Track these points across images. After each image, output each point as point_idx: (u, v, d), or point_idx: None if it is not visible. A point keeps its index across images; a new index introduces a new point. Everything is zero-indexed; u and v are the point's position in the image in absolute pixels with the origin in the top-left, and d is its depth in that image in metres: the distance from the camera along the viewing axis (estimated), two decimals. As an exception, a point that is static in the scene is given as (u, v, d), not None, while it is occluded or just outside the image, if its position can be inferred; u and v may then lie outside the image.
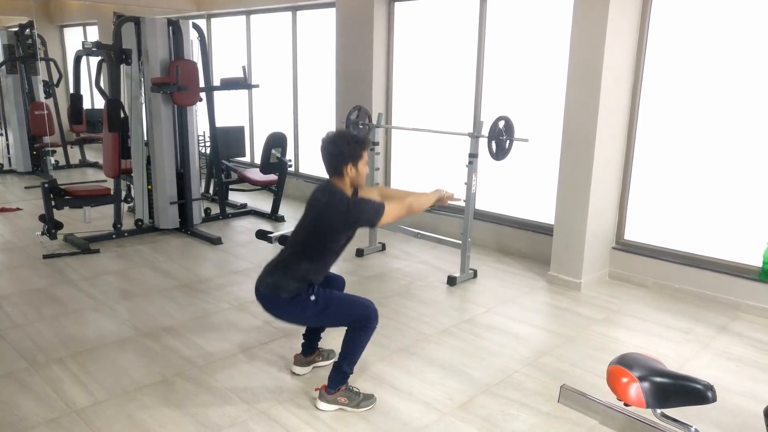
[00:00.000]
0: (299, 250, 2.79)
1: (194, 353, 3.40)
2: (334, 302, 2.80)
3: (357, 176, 2.76)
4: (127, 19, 5.48)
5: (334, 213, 2.69)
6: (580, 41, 4.23)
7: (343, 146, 2.70)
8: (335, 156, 2.71)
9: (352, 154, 2.71)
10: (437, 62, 5.87)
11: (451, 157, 5.56)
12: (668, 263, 4.44)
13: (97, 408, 2.84)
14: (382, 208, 2.72)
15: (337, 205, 2.69)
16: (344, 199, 2.70)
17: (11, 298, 4.16)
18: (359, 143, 2.73)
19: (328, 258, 2.83)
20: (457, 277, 4.59)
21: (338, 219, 2.70)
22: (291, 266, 2.76)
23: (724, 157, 4.18)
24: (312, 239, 2.77)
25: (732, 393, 3.08)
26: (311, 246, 2.77)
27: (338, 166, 2.72)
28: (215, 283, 4.52)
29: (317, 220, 2.75)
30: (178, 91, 5.44)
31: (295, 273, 2.74)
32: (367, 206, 2.72)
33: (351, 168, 2.72)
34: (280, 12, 7.42)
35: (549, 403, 2.94)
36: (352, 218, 2.71)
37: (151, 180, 5.76)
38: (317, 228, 2.76)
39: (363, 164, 2.77)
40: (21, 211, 6.57)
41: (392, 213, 2.77)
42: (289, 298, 2.73)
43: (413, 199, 2.93)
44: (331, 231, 2.73)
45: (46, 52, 8.96)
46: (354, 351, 2.83)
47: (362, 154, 2.75)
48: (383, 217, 2.72)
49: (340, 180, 2.76)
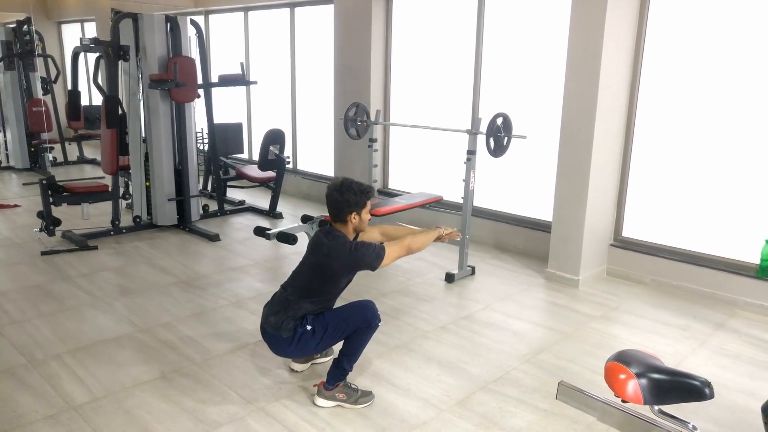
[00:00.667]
0: (300, 291, 2.84)
1: (192, 350, 3.40)
2: (330, 322, 2.82)
3: (360, 223, 2.86)
4: (124, 16, 5.47)
5: (336, 257, 2.77)
6: (578, 37, 4.23)
7: (349, 195, 2.78)
8: (341, 204, 2.79)
9: (357, 203, 2.80)
10: (435, 59, 5.86)
11: (450, 154, 5.56)
12: (666, 260, 4.44)
13: (95, 404, 2.84)
14: (382, 251, 2.81)
15: (339, 250, 2.76)
16: (346, 244, 2.78)
17: (9, 294, 4.16)
18: (364, 193, 2.82)
19: (329, 300, 2.91)
20: (455, 274, 4.59)
21: (340, 263, 2.78)
22: (292, 307, 2.81)
23: (722, 154, 4.18)
24: (313, 282, 2.84)
25: (729, 389, 3.09)
26: (312, 288, 2.84)
27: (342, 214, 2.81)
28: (213, 280, 4.51)
29: (319, 264, 2.82)
30: (176, 87, 5.42)
31: (295, 313, 2.80)
32: (368, 251, 2.79)
33: (355, 216, 2.82)
34: (278, 8, 7.41)
35: (547, 400, 2.95)
36: (354, 263, 2.80)
37: (149, 177, 5.75)
38: (319, 271, 2.83)
39: (366, 212, 2.86)
40: (19, 207, 6.55)
41: (392, 256, 2.86)
42: (289, 338, 2.79)
43: (412, 239, 2.99)
44: (332, 275, 2.82)
45: (43, 49, 8.94)
46: (355, 349, 2.85)
47: (366, 203, 2.84)
48: (383, 261, 2.81)
49: (343, 226, 2.85)
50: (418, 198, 4.97)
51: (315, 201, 7.06)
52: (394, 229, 3.23)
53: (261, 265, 4.89)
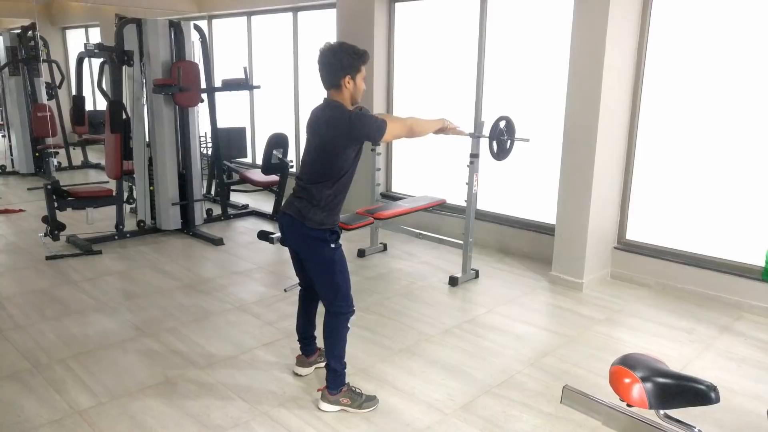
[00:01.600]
0: (312, 179, 2.73)
1: (196, 354, 3.41)
2: (340, 266, 2.79)
3: (356, 91, 2.71)
4: (128, 21, 5.49)
5: (336, 129, 2.64)
6: (581, 40, 4.23)
7: (342, 57, 2.64)
8: (333, 66, 2.65)
9: (351, 65, 2.65)
10: (438, 62, 5.87)
11: (453, 157, 5.55)
12: (670, 263, 4.43)
13: (99, 409, 2.84)
14: (384, 124, 2.68)
15: (339, 120, 2.63)
16: (345, 114, 2.64)
17: (14, 299, 4.17)
18: (359, 55, 2.68)
19: (342, 180, 2.75)
20: (459, 277, 4.59)
21: (341, 134, 2.64)
22: (313, 195, 2.71)
23: (727, 156, 4.17)
24: (321, 163, 2.71)
25: (735, 393, 3.08)
26: (323, 171, 2.71)
27: (336, 78, 2.66)
28: (217, 284, 4.52)
29: (321, 141, 2.71)
30: (179, 92, 5.44)
31: (319, 201, 2.71)
32: (369, 120, 2.67)
33: (349, 81, 2.67)
34: (281, 13, 7.43)
35: (551, 404, 2.94)
36: (355, 132, 2.65)
37: (153, 181, 5.77)
38: (322, 149, 2.71)
39: (361, 79, 2.71)
40: (24, 212, 6.58)
41: (394, 130, 2.75)
42: (313, 232, 2.70)
43: (415, 120, 2.88)
44: (337, 149, 2.67)
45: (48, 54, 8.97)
46: (334, 344, 2.83)
47: (361, 67, 2.69)
48: (386, 133, 2.69)
49: (338, 94, 2.70)
50: (422, 201, 4.98)
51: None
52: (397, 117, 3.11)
53: (265, 269, 4.89)
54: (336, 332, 2.83)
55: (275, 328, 3.75)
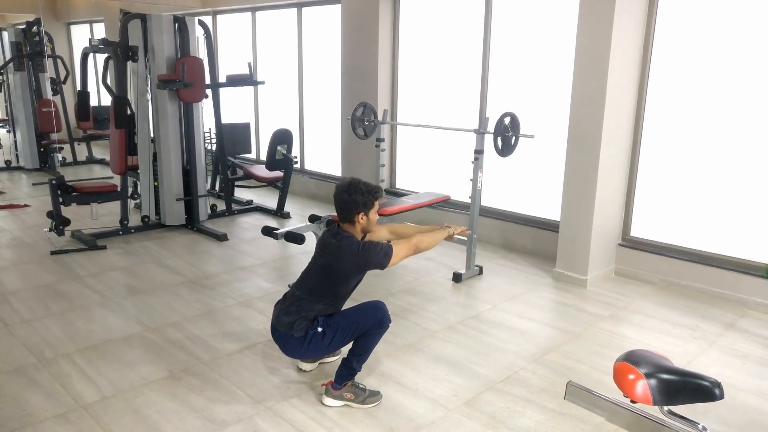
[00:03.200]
0: (311, 293, 2.84)
1: (200, 349, 3.42)
2: (341, 324, 2.82)
3: (368, 224, 2.86)
4: (133, 16, 5.49)
5: (345, 258, 2.77)
6: (587, 37, 4.21)
7: (357, 196, 2.78)
8: (348, 204, 2.79)
9: (365, 203, 2.80)
10: (443, 58, 5.85)
11: (457, 153, 5.55)
12: (675, 260, 4.42)
13: (104, 403, 2.86)
14: (390, 251, 2.80)
15: (348, 251, 2.76)
16: (354, 244, 2.77)
17: (19, 294, 4.19)
18: (372, 194, 2.82)
19: (340, 300, 2.92)
20: (463, 273, 4.59)
21: (349, 264, 2.78)
22: (304, 308, 2.81)
23: (731, 153, 4.15)
24: (323, 283, 2.84)
25: (739, 390, 3.07)
26: (322, 290, 2.84)
27: (350, 215, 2.81)
28: (221, 280, 4.53)
29: (328, 265, 2.82)
30: (184, 87, 5.45)
31: (308, 314, 2.81)
32: (377, 250, 2.78)
33: (363, 217, 2.82)
34: (286, 8, 7.42)
35: (555, 400, 2.94)
36: (362, 263, 2.80)
37: (157, 176, 5.78)
38: (328, 272, 2.83)
39: (374, 213, 2.86)
40: (29, 207, 6.60)
41: (400, 254, 2.85)
42: (301, 338, 2.80)
43: (420, 238, 2.98)
44: (342, 275, 2.82)
45: (53, 50, 9.00)
46: (365, 349, 2.86)
47: (374, 203, 2.84)
48: (392, 260, 2.81)
49: (351, 227, 2.85)
50: (426, 197, 4.97)
51: (322, 200, 7.07)
52: (403, 227, 3.22)
53: (269, 265, 4.90)
54: (372, 340, 2.86)
55: (279, 324, 3.75)
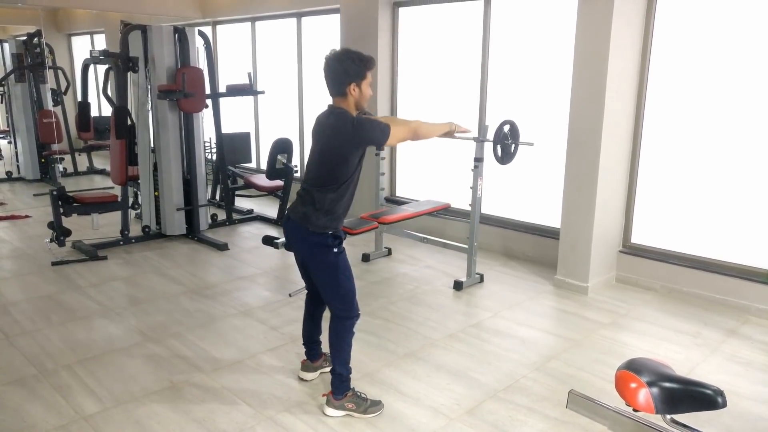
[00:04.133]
0: (317, 184, 2.73)
1: (201, 359, 3.41)
2: (344, 269, 2.79)
3: (361, 97, 2.70)
4: (134, 28, 5.52)
5: (340, 135, 2.64)
6: (585, 44, 4.23)
7: (347, 64, 2.64)
8: (339, 74, 2.65)
9: (356, 72, 2.65)
10: (442, 67, 5.87)
11: (457, 161, 5.55)
12: (676, 266, 4.41)
13: (105, 414, 2.85)
14: (388, 128, 2.68)
15: (342, 126, 2.63)
16: (348, 120, 2.64)
17: (20, 305, 4.19)
18: (364, 62, 2.66)
19: (347, 186, 2.75)
20: (464, 281, 4.58)
21: (345, 140, 2.64)
22: (317, 200, 2.71)
23: (732, 159, 4.16)
24: (325, 168, 2.72)
25: (742, 397, 3.06)
26: (326, 176, 2.71)
27: (342, 86, 2.66)
28: (222, 289, 4.53)
29: (326, 147, 2.71)
30: (184, 98, 5.47)
31: (322, 206, 2.70)
32: (373, 125, 2.66)
33: (354, 88, 2.67)
34: (285, 18, 7.46)
35: (557, 409, 2.93)
36: (358, 138, 2.65)
37: (158, 186, 5.79)
38: (326, 155, 2.71)
39: (367, 85, 2.71)
40: (30, 218, 6.61)
41: (398, 134, 2.75)
42: (315, 237, 2.71)
43: (420, 123, 2.86)
44: (341, 155, 2.67)
45: (54, 61, 9.04)
46: (340, 348, 2.83)
47: (366, 74, 2.68)
48: (390, 138, 2.69)
49: (344, 101, 2.70)
50: (426, 206, 4.98)
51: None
52: (402, 120, 3.09)
53: (269, 274, 4.90)
54: (341, 337, 2.84)
55: (280, 333, 3.75)
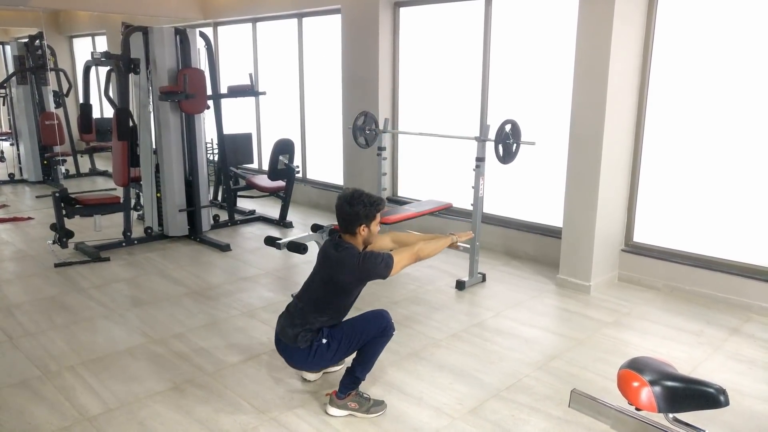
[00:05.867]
0: (313, 304, 2.85)
1: (204, 360, 3.42)
2: (345, 334, 2.83)
3: (369, 235, 2.85)
4: (135, 29, 5.53)
5: (345, 270, 2.77)
6: (586, 44, 4.23)
7: (359, 208, 2.77)
8: (350, 216, 2.79)
9: (367, 215, 2.79)
10: (443, 66, 5.87)
11: (459, 160, 5.56)
12: (678, 265, 4.41)
13: (108, 415, 2.86)
14: (391, 260, 2.78)
15: (349, 262, 2.75)
16: (355, 256, 2.76)
17: (23, 306, 4.20)
18: (374, 205, 2.80)
19: (342, 311, 2.92)
20: (466, 281, 4.58)
21: (350, 275, 2.78)
22: (308, 320, 2.82)
23: (734, 157, 4.15)
24: (325, 295, 2.85)
25: (745, 396, 3.06)
26: (324, 301, 2.84)
27: (352, 226, 2.80)
28: (224, 290, 4.53)
29: (329, 277, 2.82)
30: (185, 99, 5.48)
31: (312, 326, 2.82)
32: (377, 261, 2.76)
33: (364, 228, 2.81)
34: (286, 19, 7.46)
35: (559, 408, 2.93)
36: (364, 274, 2.79)
37: (160, 188, 5.80)
38: (329, 284, 2.83)
39: (376, 225, 2.85)
40: (32, 220, 6.63)
41: (401, 264, 2.84)
42: (306, 349, 2.81)
43: (422, 246, 2.96)
44: (343, 287, 2.82)
45: (55, 63, 9.06)
46: (369, 358, 2.85)
47: (376, 215, 2.83)
48: (393, 269, 2.79)
49: (352, 238, 2.85)
50: (428, 205, 4.98)
51: (325, 210, 7.08)
52: (406, 236, 3.20)
53: (272, 275, 4.90)
54: (376, 348, 2.85)
55: (283, 334, 3.75)
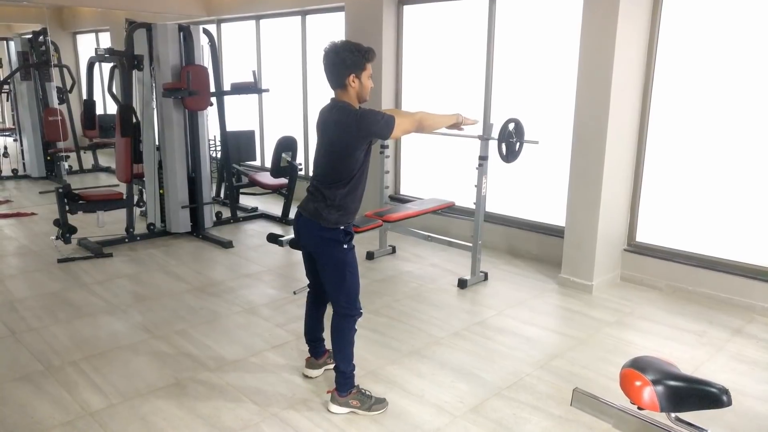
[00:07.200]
0: (325, 180, 2.73)
1: (206, 356, 3.42)
2: (351, 266, 2.80)
3: (362, 89, 2.68)
4: (138, 26, 5.54)
5: (344, 129, 2.62)
6: (590, 42, 4.22)
7: (345, 55, 2.61)
8: (337, 65, 2.63)
9: (355, 63, 2.62)
10: (446, 65, 5.87)
11: (461, 159, 5.55)
12: (681, 265, 4.40)
13: (111, 410, 2.87)
14: (392, 120, 2.65)
15: (346, 120, 2.61)
16: (352, 112, 2.62)
17: (27, 301, 4.21)
18: (362, 53, 2.64)
19: (356, 181, 2.74)
20: (468, 279, 4.58)
21: (350, 134, 2.62)
22: (327, 196, 2.72)
23: (738, 157, 4.14)
24: (332, 164, 2.72)
25: (747, 396, 3.05)
26: (333, 172, 2.71)
27: (341, 78, 2.64)
28: (227, 287, 4.54)
29: (330, 142, 2.70)
30: (189, 96, 5.48)
31: (333, 202, 2.71)
32: (377, 117, 2.63)
33: (354, 79, 2.64)
34: (290, 16, 7.46)
35: (561, 407, 2.93)
36: (363, 130, 2.62)
37: (162, 184, 5.80)
38: (332, 150, 2.70)
39: (367, 77, 2.68)
40: (36, 215, 6.64)
41: (403, 125, 2.72)
42: (327, 232, 2.72)
43: (425, 114, 2.84)
44: (346, 149, 2.66)
45: (59, 59, 9.06)
46: (342, 345, 2.84)
47: (366, 65, 2.66)
48: (394, 129, 2.66)
49: (344, 93, 2.68)
50: (430, 204, 4.98)
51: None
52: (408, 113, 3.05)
53: (274, 272, 4.91)
54: (343, 334, 2.85)
55: (285, 331, 3.76)
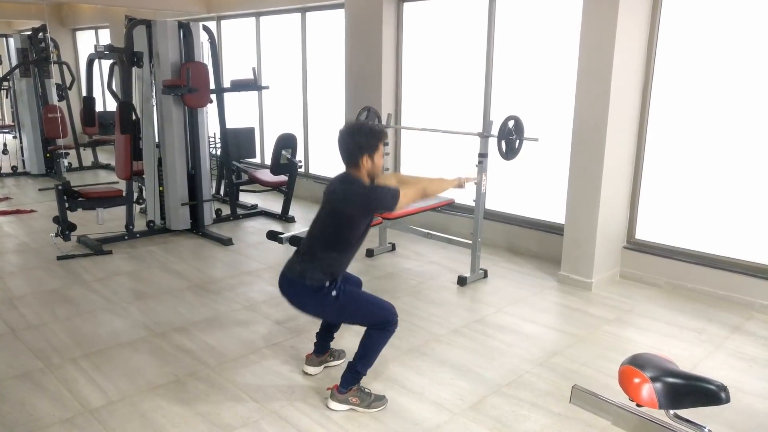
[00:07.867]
0: (321, 241, 2.80)
1: (206, 353, 3.43)
2: (356, 301, 2.82)
3: (373, 168, 2.78)
4: (138, 23, 5.53)
5: (351, 200, 2.72)
6: (590, 39, 4.21)
7: (360, 138, 2.72)
8: (352, 148, 2.73)
9: (368, 146, 2.72)
10: (446, 62, 5.86)
11: (461, 156, 5.54)
12: (680, 262, 4.40)
13: (110, 408, 2.87)
14: (397, 193, 2.74)
15: (355, 193, 2.71)
16: (361, 187, 2.72)
17: (26, 299, 4.21)
18: (376, 135, 2.75)
19: (350, 247, 2.84)
20: (468, 277, 4.59)
21: (356, 206, 2.73)
22: (317, 256, 2.77)
23: (738, 155, 4.14)
24: (332, 229, 2.78)
25: (746, 393, 3.06)
26: (332, 236, 2.78)
27: (355, 158, 2.74)
28: (226, 284, 4.54)
29: (334, 210, 2.77)
30: (188, 93, 5.47)
31: (322, 263, 2.76)
32: (384, 192, 2.73)
33: (367, 160, 2.74)
34: (290, 13, 7.45)
35: (560, 404, 2.93)
36: (371, 205, 2.74)
37: (162, 181, 5.80)
38: (335, 217, 2.77)
39: (379, 156, 2.78)
40: (35, 213, 6.64)
41: (408, 197, 2.80)
42: (312, 288, 2.75)
43: (429, 183, 2.94)
44: (349, 219, 2.75)
45: (59, 56, 9.05)
46: (370, 353, 2.85)
47: (379, 146, 2.77)
48: (399, 202, 2.74)
49: (357, 171, 2.77)
50: (430, 201, 4.97)
51: (327, 204, 7.07)
52: (410, 177, 3.19)
53: (274, 269, 4.91)
54: (378, 342, 2.84)
55: (285, 328, 3.76)
